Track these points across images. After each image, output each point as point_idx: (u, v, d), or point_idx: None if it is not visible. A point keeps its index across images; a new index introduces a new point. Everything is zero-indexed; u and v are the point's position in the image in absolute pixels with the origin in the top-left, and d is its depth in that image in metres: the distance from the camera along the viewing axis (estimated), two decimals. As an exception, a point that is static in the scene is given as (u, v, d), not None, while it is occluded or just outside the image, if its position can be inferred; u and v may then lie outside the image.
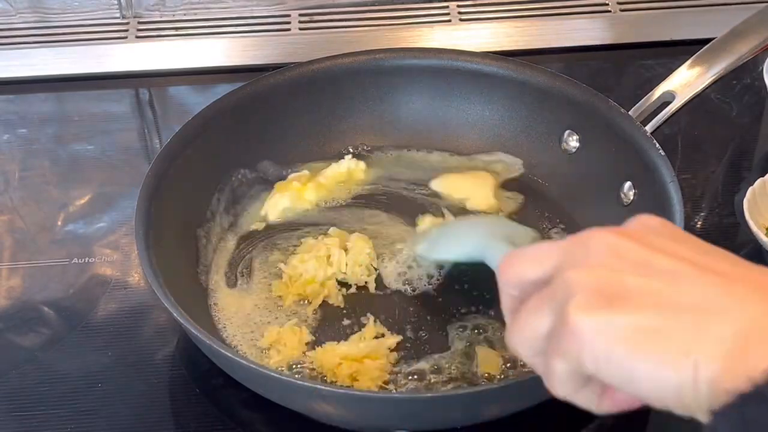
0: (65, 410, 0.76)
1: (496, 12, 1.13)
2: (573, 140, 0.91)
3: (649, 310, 0.43)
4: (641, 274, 0.44)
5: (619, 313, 0.43)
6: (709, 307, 0.42)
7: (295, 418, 0.73)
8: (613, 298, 0.44)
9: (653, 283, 0.44)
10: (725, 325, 0.41)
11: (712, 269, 0.44)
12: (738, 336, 0.41)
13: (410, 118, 0.96)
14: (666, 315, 0.43)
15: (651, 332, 0.43)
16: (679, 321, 0.42)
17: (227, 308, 0.81)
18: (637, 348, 0.43)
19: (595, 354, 0.44)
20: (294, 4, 1.13)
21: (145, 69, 1.08)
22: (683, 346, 0.42)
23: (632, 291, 0.44)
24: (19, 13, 1.11)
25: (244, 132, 0.90)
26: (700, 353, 0.41)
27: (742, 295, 0.43)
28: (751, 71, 1.05)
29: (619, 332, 0.43)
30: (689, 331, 0.42)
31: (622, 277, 0.44)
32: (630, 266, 0.45)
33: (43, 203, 0.94)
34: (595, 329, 0.44)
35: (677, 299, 0.43)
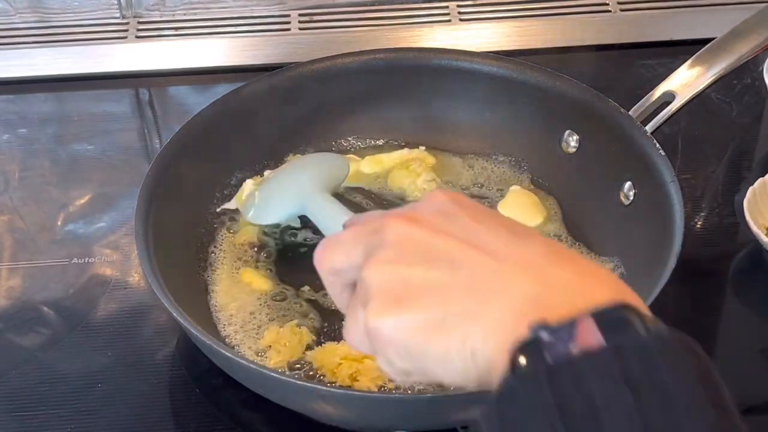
0: (65, 410, 0.76)
1: (496, 12, 1.13)
2: (573, 140, 0.91)
3: (430, 303, 0.46)
4: (424, 264, 0.47)
5: (406, 311, 0.47)
6: (481, 292, 0.45)
7: (295, 418, 0.73)
8: (401, 297, 0.47)
9: (433, 273, 0.47)
10: (493, 310, 0.45)
11: (486, 249, 0.47)
12: (502, 318, 0.44)
13: (410, 118, 0.96)
14: (444, 306, 0.46)
15: (433, 324, 0.46)
16: (454, 311, 0.45)
17: (227, 308, 0.81)
18: (425, 341, 0.46)
19: (398, 353, 0.47)
20: (294, 4, 1.12)
21: (145, 69, 1.08)
22: (461, 334, 0.45)
23: (416, 285, 0.47)
24: (19, 13, 1.11)
25: (244, 132, 0.90)
26: (473, 339, 0.45)
27: (510, 276, 0.46)
28: (752, 71, 1.05)
29: (410, 329, 0.46)
30: (464, 319, 0.45)
31: (407, 273, 0.47)
32: (415, 256, 0.48)
33: (43, 203, 0.94)
34: (390, 330, 0.47)
35: (453, 288, 0.46)
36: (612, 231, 0.86)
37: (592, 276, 0.46)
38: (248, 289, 0.83)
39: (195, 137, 0.86)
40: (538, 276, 0.45)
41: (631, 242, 0.84)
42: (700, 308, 0.84)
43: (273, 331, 0.79)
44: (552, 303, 0.44)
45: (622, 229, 0.85)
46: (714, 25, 0.96)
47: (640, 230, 0.83)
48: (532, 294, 0.45)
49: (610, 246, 0.85)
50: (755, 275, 0.87)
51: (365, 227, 0.51)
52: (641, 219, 0.83)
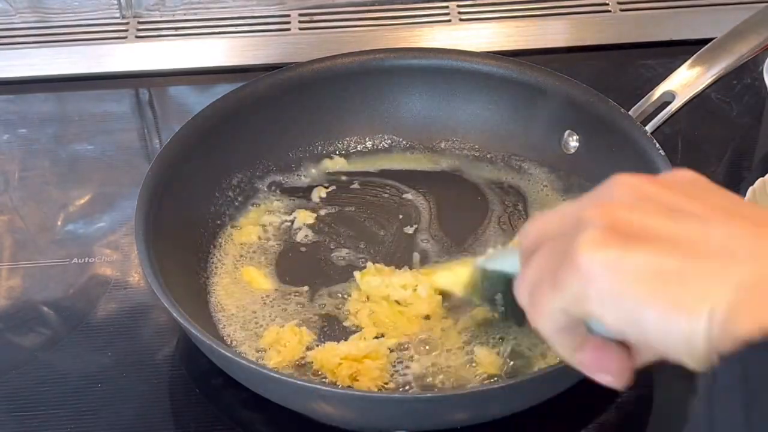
0: (65, 410, 0.76)
1: (496, 12, 1.13)
2: (573, 140, 0.91)
3: (668, 251, 0.40)
4: (665, 216, 0.41)
5: (634, 251, 0.40)
6: (735, 252, 0.39)
7: (295, 418, 0.73)
8: (629, 237, 0.40)
9: (676, 225, 0.41)
10: (749, 272, 0.38)
11: (744, 215, 0.41)
12: (760, 283, 0.38)
13: (410, 118, 0.96)
14: (686, 258, 0.39)
15: (667, 275, 0.39)
16: (700, 266, 0.39)
17: (227, 308, 0.81)
18: (650, 291, 0.39)
19: (602, 293, 0.40)
20: (294, 4, 1.12)
21: (145, 69, 1.08)
22: (701, 293, 0.38)
23: (652, 231, 0.41)
24: (19, 13, 1.11)
25: (244, 132, 0.90)
26: (718, 300, 0.38)
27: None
28: (751, 71, 1.05)
29: (632, 272, 0.40)
30: (709, 277, 0.39)
31: (642, 216, 0.41)
32: (654, 208, 0.42)
33: (43, 203, 0.94)
34: (604, 266, 0.40)
35: (701, 243, 0.40)
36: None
37: None
38: (248, 288, 0.83)
39: (195, 137, 0.86)
40: None
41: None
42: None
43: (273, 331, 0.79)
44: None
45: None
46: (714, 25, 0.96)
47: (640, 230, 0.83)
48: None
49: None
50: (755, 275, 0.87)
51: (584, 196, 0.45)
52: (641, 219, 0.83)
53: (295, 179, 0.93)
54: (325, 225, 0.89)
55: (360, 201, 0.91)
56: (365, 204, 0.91)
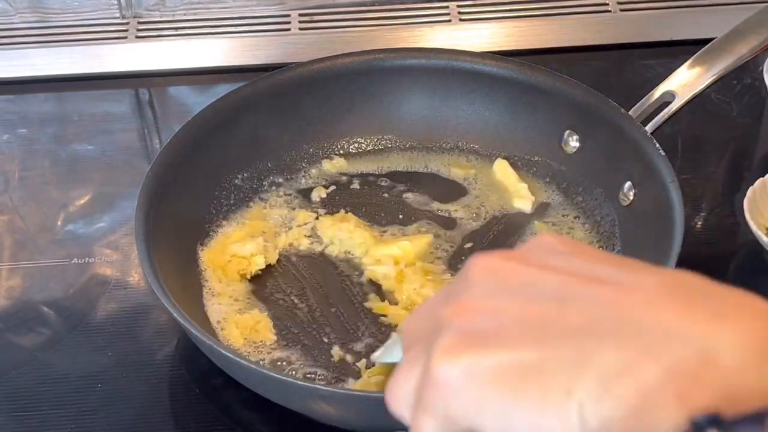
0: (65, 410, 0.76)
1: (496, 12, 1.13)
2: (573, 140, 0.91)
3: (525, 343, 0.36)
4: (523, 300, 0.37)
5: (489, 352, 0.36)
6: (594, 332, 0.35)
7: (295, 418, 0.73)
8: (486, 337, 0.36)
9: (534, 309, 0.37)
10: (611, 354, 0.34)
11: (605, 280, 0.37)
12: (632, 366, 0.34)
13: (410, 118, 0.96)
14: (544, 347, 0.35)
15: (527, 371, 0.35)
16: (560, 352, 0.35)
17: (227, 308, 0.81)
18: (513, 392, 0.35)
19: (465, 405, 0.36)
20: (294, 4, 1.12)
21: (145, 69, 1.08)
22: (564, 385, 0.34)
23: (509, 324, 0.37)
24: (19, 13, 1.11)
25: (244, 132, 0.90)
26: (584, 391, 0.34)
27: (645, 306, 0.35)
28: (751, 71, 1.05)
29: (491, 376, 0.36)
30: (571, 366, 0.34)
31: (499, 307, 0.37)
32: (511, 292, 0.38)
33: (43, 203, 0.94)
34: (463, 376, 0.36)
35: (557, 327, 0.36)
36: (612, 231, 0.86)
37: (757, 315, 0.35)
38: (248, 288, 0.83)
39: (195, 137, 0.86)
40: (685, 307, 0.34)
41: (630, 242, 0.84)
42: (700, 308, 0.84)
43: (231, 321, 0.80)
44: (718, 365, 0.32)
45: (621, 229, 0.85)
46: (714, 25, 0.96)
47: (640, 230, 0.83)
48: (686, 343, 0.33)
49: (609, 246, 0.85)
50: (755, 275, 0.87)
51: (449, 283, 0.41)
52: (641, 219, 0.83)
53: (294, 179, 0.93)
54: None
55: (360, 201, 0.91)
56: (365, 204, 0.91)
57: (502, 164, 0.92)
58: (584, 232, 0.87)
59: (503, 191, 0.91)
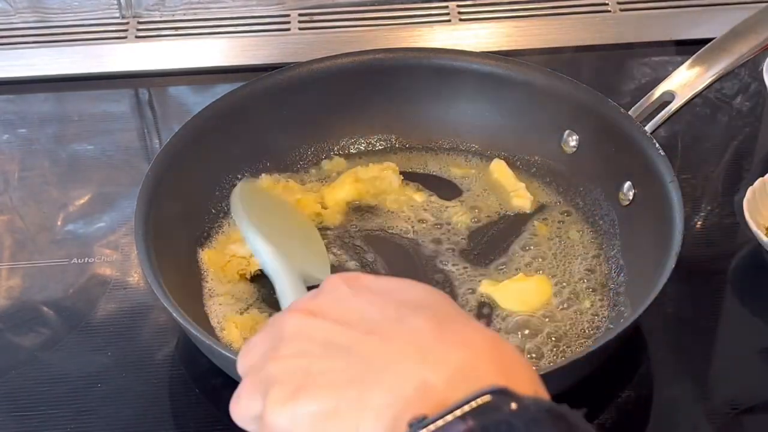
0: (65, 410, 0.76)
1: (496, 12, 1.13)
2: (573, 140, 0.91)
3: (325, 393, 0.46)
4: (321, 353, 0.48)
5: (302, 402, 0.46)
6: (370, 377, 0.45)
7: (294, 418, 0.73)
8: (300, 386, 0.47)
9: (329, 362, 0.47)
10: (381, 394, 0.45)
11: (376, 330, 0.47)
12: (388, 406, 0.44)
13: (410, 118, 0.96)
14: (338, 394, 0.46)
15: (328, 415, 0.45)
16: (347, 398, 0.45)
17: (227, 308, 0.81)
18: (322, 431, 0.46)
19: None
20: (294, 4, 1.13)
21: (144, 69, 1.08)
22: (352, 424, 0.45)
23: (314, 375, 0.47)
24: (18, 13, 1.11)
25: (244, 132, 0.90)
26: (366, 427, 0.44)
27: (395, 357, 0.46)
28: (751, 71, 1.05)
29: (305, 421, 0.46)
30: (354, 408, 0.45)
31: (306, 363, 0.47)
32: (313, 347, 0.48)
33: (43, 203, 0.94)
34: (288, 422, 0.46)
35: (346, 374, 0.46)
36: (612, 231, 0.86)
37: (477, 354, 0.46)
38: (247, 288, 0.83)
39: (195, 137, 0.86)
40: (423, 357, 0.46)
41: (630, 242, 0.84)
42: (700, 308, 0.84)
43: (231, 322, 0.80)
44: (434, 389, 0.44)
45: (621, 229, 0.85)
46: (714, 25, 0.96)
47: (639, 230, 0.83)
48: (416, 379, 0.45)
49: (609, 246, 0.85)
50: (755, 275, 0.87)
51: (265, 330, 0.52)
52: (641, 219, 0.83)
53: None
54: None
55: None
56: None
57: (500, 164, 0.92)
58: (584, 231, 0.87)
59: (502, 191, 0.91)
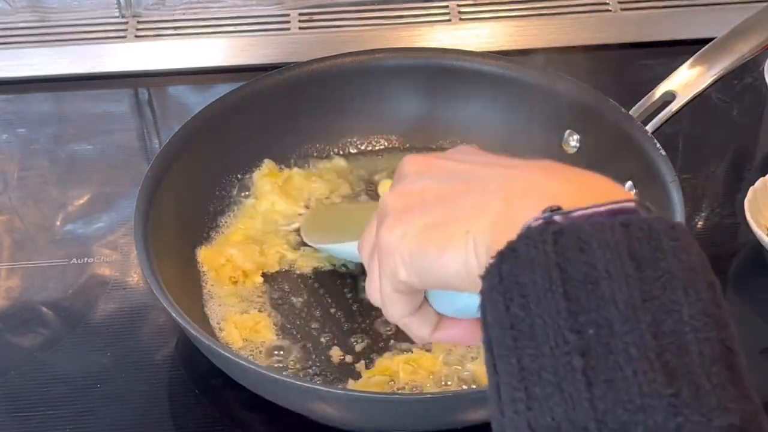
0: (65, 410, 0.76)
1: (496, 12, 1.12)
2: (573, 140, 0.90)
3: (439, 205, 0.48)
4: (440, 180, 0.49)
5: (415, 218, 0.48)
6: (488, 191, 0.47)
7: (294, 418, 0.73)
8: (414, 209, 0.49)
9: (447, 185, 0.49)
10: (498, 201, 0.46)
11: (499, 164, 0.50)
12: (504, 206, 0.45)
13: (410, 118, 0.95)
14: (452, 206, 0.47)
15: (438, 224, 0.47)
16: (461, 208, 0.47)
17: (227, 308, 0.81)
18: (429, 240, 0.47)
19: (403, 259, 0.48)
20: (294, 4, 1.12)
21: (144, 69, 1.08)
22: (463, 227, 0.46)
23: (429, 195, 0.49)
24: (18, 12, 1.11)
25: (244, 132, 0.90)
26: (476, 229, 0.45)
27: (524, 175, 0.47)
28: (752, 71, 1.05)
29: (416, 234, 0.47)
30: (468, 214, 0.46)
31: (423, 187, 0.50)
32: (431, 177, 0.50)
33: (42, 203, 0.94)
34: (398, 239, 0.48)
35: (463, 192, 0.48)
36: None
37: (606, 186, 0.47)
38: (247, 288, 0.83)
39: (194, 137, 0.86)
40: (552, 177, 0.46)
41: (631, 242, 0.83)
42: (701, 308, 0.84)
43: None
44: (568, 197, 0.43)
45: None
46: (714, 25, 0.96)
47: (640, 230, 0.83)
48: (546, 189, 0.45)
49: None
50: (755, 275, 0.87)
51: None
52: (642, 219, 0.83)
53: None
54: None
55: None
56: (365, 204, 0.91)
57: None
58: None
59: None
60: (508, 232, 0.42)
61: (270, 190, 0.89)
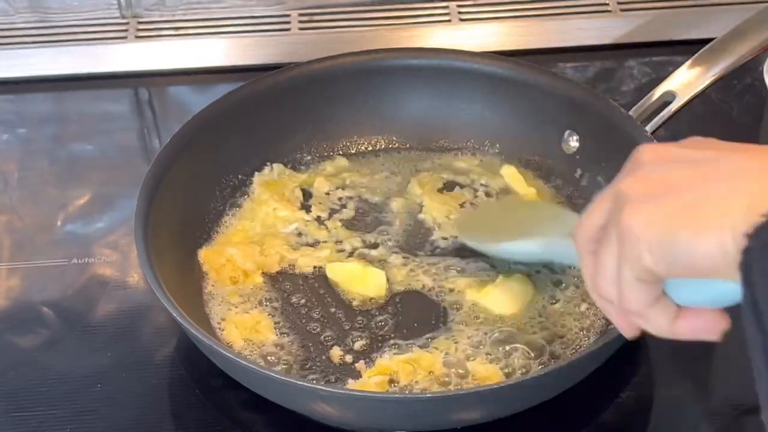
0: (65, 410, 0.76)
1: (496, 12, 1.12)
2: (573, 140, 0.91)
3: (689, 190, 0.47)
4: (683, 166, 0.48)
5: (663, 202, 0.47)
6: (742, 175, 0.46)
7: (295, 418, 0.73)
8: (658, 194, 0.48)
9: (692, 169, 0.48)
10: (755, 182, 0.45)
11: (747, 149, 0.48)
12: (761, 187, 0.44)
13: (410, 118, 0.95)
14: (704, 190, 0.46)
15: (692, 207, 0.46)
16: (716, 191, 0.46)
17: (227, 308, 0.81)
18: (681, 224, 0.46)
19: (649, 245, 0.47)
20: (294, 4, 1.12)
21: (144, 69, 1.08)
22: (720, 209, 0.45)
23: (675, 182, 0.48)
24: (18, 12, 1.11)
25: (244, 132, 0.90)
26: (735, 211, 0.44)
27: (765, 159, 0.46)
28: (752, 71, 1.05)
29: (666, 219, 0.46)
30: (724, 196, 0.45)
31: (666, 173, 0.48)
32: (672, 165, 0.49)
33: (42, 203, 0.94)
34: (645, 224, 0.47)
35: (712, 176, 0.47)
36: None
37: None
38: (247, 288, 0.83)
39: (195, 137, 0.86)
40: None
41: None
42: (701, 308, 0.84)
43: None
44: None
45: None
46: (714, 25, 0.96)
47: (640, 230, 0.83)
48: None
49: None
50: (755, 275, 0.87)
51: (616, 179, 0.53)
52: (641, 219, 0.83)
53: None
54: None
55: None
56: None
57: (510, 169, 0.92)
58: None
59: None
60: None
61: (269, 197, 0.88)
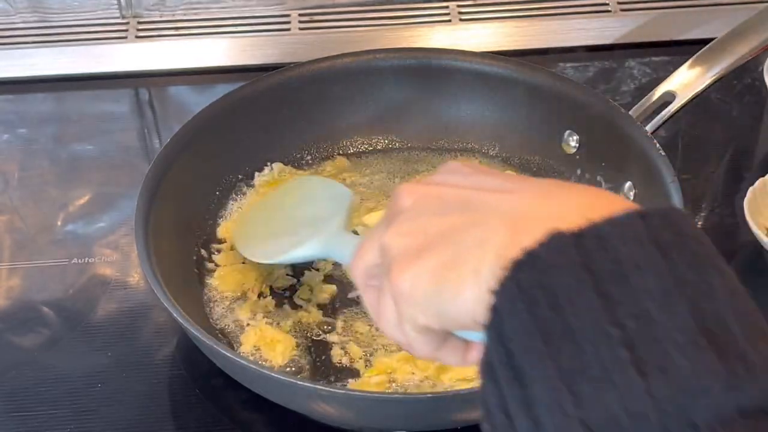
0: (65, 410, 0.76)
1: (496, 12, 1.13)
2: (573, 140, 0.91)
3: (441, 245, 0.46)
4: (439, 214, 0.48)
5: (426, 258, 0.47)
6: (493, 220, 0.45)
7: (295, 418, 0.73)
8: (421, 249, 0.47)
9: (447, 219, 0.47)
10: (501, 233, 0.44)
11: (498, 190, 0.48)
12: (509, 236, 0.44)
13: (410, 118, 0.96)
14: (456, 243, 0.46)
15: (450, 264, 0.45)
16: (465, 245, 0.45)
17: (227, 308, 0.81)
18: (443, 280, 0.46)
19: (419, 304, 0.47)
20: (294, 4, 1.12)
21: (144, 69, 1.08)
22: (473, 262, 0.44)
23: (432, 235, 0.47)
24: (18, 13, 1.11)
25: (244, 132, 0.90)
26: (484, 265, 0.44)
27: (523, 200, 0.46)
28: (752, 71, 1.05)
29: (429, 275, 0.46)
30: (475, 248, 0.45)
31: (424, 226, 0.48)
32: (430, 210, 0.48)
33: (43, 203, 0.94)
34: (411, 285, 0.47)
35: (465, 226, 0.46)
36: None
37: (606, 197, 0.46)
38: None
39: (195, 137, 0.86)
40: (552, 198, 0.46)
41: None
42: (700, 308, 0.84)
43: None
44: (570, 218, 0.42)
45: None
46: (714, 25, 0.96)
47: (640, 230, 0.83)
48: (548, 213, 0.44)
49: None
50: (755, 276, 0.87)
51: (382, 217, 0.52)
52: (641, 219, 0.83)
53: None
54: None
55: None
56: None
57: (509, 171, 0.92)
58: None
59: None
60: (515, 249, 0.42)
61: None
